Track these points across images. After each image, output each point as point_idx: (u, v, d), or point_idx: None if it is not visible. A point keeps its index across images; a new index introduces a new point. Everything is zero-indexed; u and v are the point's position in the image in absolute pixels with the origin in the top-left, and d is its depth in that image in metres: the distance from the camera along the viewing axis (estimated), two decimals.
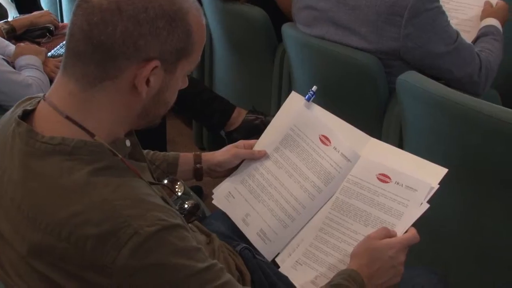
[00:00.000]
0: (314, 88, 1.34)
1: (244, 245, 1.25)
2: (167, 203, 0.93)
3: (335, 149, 1.25)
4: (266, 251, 1.25)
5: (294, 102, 1.35)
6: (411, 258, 1.09)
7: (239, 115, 2.41)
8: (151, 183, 0.93)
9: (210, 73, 2.79)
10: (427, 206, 1.10)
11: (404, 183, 1.14)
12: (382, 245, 1.07)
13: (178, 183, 1.20)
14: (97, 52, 0.84)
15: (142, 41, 0.84)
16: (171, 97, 0.94)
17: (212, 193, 1.35)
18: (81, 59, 0.85)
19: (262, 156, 1.33)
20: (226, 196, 1.33)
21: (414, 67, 1.70)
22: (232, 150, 1.34)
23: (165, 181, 1.19)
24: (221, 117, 2.41)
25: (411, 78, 1.54)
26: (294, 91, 1.39)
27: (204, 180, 1.36)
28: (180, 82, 0.93)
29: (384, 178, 1.16)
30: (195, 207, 1.20)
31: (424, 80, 1.51)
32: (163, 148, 2.45)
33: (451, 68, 1.75)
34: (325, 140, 1.27)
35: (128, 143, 0.95)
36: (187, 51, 0.89)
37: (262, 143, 1.36)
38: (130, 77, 0.86)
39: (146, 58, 0.85)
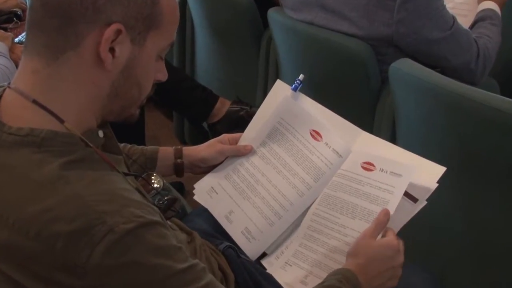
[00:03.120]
0: (301, 77, 1.34)
1: (228, 243, 1.25)
2: (145, 197, 0.93)
3: (327, 144, 1.25)
4: (250, 250, 1.25)
5: (280, 92, 1.35)
6: (405, 256, 1.10)
7: (223, 106, 2.41)
8: (125, 174, 0.93)
9: (191, 61, 2.78)
10: (423, 203, 1.11)
11: (389, 169, 1.15)
12: (381, 244, 1.07)
13: (155, 174, 1.21)
14: (55, 17, 0.84)
15: (102, 0, 0.84)
16: (144, 78, 0.93)
17: (194, 189, 1.35)
18: (40, 28, 0.86)
19: (248, 152, 1.33)
20: (208, 191, 1.33)
21: (408, 55, 1.70)
22: (217, 146, 1.35)
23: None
24: (203, 108, 2.41)
25: (404, 66, 1.54)
26: (281, 80, 1.39)
27: (185, 176, 1.36)
28: (153, 60, 0.92)
29: (368, 166, 1.18)
30: (173, 201, 1.21)
31: (418, 68, 1.52)
32: (142, 142, 2.44)
33: (446, 55, 1.76)
34: (316, 135, 1.27)
35: (101, 133, 0.95)
36: (155, 21, 0.89)
37: (248, 136, 1.36)
38: (92, 45, 0.86)
39: (108, 22, 0.85)
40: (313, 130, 1.28)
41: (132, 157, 1.26)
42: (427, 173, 1.14)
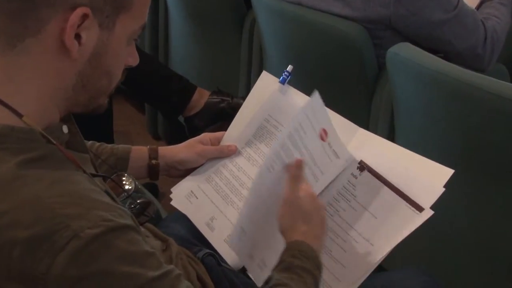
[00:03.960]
0: (290, 68, 1.36)
1: (207, 250, 1.26)
2: (114, 200, 0.93)
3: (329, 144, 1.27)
4: (234, 259, 1.26)
5: (266, 85, 1.36)
6: (403, 258, 1.12)
7: (201, 97, 2.42)
8: (92, 175, 0.93)
9: (166, 47, 2.78)
10: (430, 213, 1.11)
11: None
12: (300, 194, 1.09)
13: (126, 175, 1.21)
14: (14, 0, 0.84)
15: None
16: (114, 65, 0.93)
17: (170, 192, 1.36)
18: None
19: (232, 153, 1.35)
20: (187, 196, 1.33)
21: (407, 38, 1.72)
22: (198, 147, 1.35)
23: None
24: (179, 100, 2.41)
25: (403, 51, 1.56)
26: (266, 70, 1.41)
27: (160, 177, 1.37)
28: (124, 46, 0.93)
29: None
30: (147, 205, 1.21)
31: (419, 53, 1.53)
32: (110, 139, 2.45)
33: (450, 39, 1.78)
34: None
35: (65, 129, 0.95)
36: (124, 2, 0.89)
37: (232, 135, 1.37)
38: (55, 31, 0.85)
39: (73, 6, 0.84)
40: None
41: (100, 156, 1.26)
42: (432, 176, 1.15)
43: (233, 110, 2.27)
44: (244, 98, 2.25)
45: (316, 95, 1.17)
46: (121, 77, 0.97)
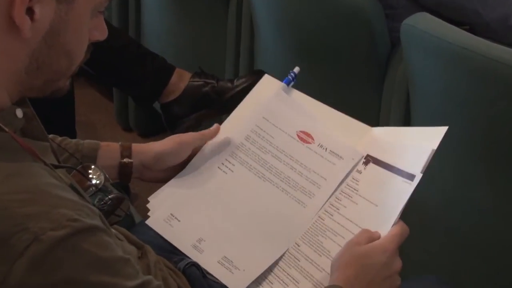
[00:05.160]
0: (296, 69, 1.41)
1: (189, 260, 1.27)
2: (81, 196, 0.94)
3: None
4: (234, 283, 1.27)
5: (267, 90, 1.43)
6: (417, 265, 1.14)
7: (181, 80, 2.40)
8: (54, 166, 0.93)
9: (137, 20, 2.78)
10: (419, 177, 1.17)
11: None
12: (372, 249, 1.12)
13: (93, 167, 1.21)
14: None
15: None
16: (75, 43, 0.93)
17: (147, 200, 1.37)
18: None
19: (215, 134, 1.38)
20: (167, 219, 1.35)
21: (426, 8, 1.73)
22: (176, 137, 1.38)
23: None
24: (154, 83, 2.40)
25: (421, 23, 1.56)
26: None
27: (133, 180, 1.38)
28: (87, 20, 0.92)
29: (305, 137, 1.27)
30: (119, 201, 1.21)
31: (439, 25, 1.54)
32: (71, 131, 2.44)
33: (477, 8, 1.79)
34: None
35: (19, 113, 0.94)
36: None
37: (215, 150, 1.40)
38: (4, 6, 0.85)
39: None
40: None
41: (63, 153, 1.26)
42: (425, 140, 1.21)
43: (218, 95, 2.28)
44: (231, 81, 2.30)
45: (284, 87, 1.21)
46: (85, 55, 0.97)
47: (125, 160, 1.34)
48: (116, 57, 2.41)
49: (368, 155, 1.29)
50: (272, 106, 1.40)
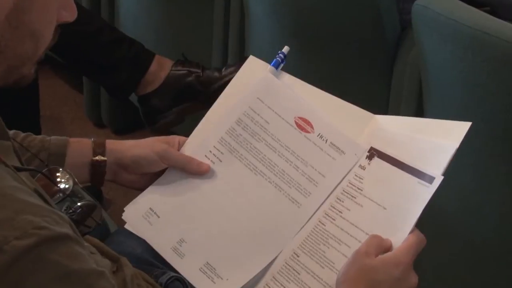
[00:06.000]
0: (286, 49, 1.38)
1: (172, 274, 1.27)
2: (46, 202, 0.93)
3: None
4: None
5: (254, 73, 1.41)
6: (430, 278, 1.13)
7: (161, 69, 2.40)
8: (17, 169, 0.93)
9: (111, 1, 2.77)
10: (440, 179, 1.16)
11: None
12: (384, 262, 1.11)
13: (60, 169, 1.21)
14: None
15: None
16: (42, 23, 0.93)
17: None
18: None
19: (202, 173, 1.35)
20: (145, 215, 1.35)
21: None
22: (159, 146, 1.36)
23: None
24: (131, 72, 2.40)
25: (435, 4, 1.56)
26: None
27: (106, 183, 1.38)
28: (55, 1, 0.93)
29: (304, 124, 1.26)
30: (91, 209, 1.21)
31: (457, 6, 1.53)
32: (35, 127, 2.43)
33: None
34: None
35: None
36: None
37: (203, 131, 1.40)
38: None
39: None
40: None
41: (30, 150, 1.27)
42: (446, 136, 1.20)
43: (204, 86, 2.27)
44: (219, 70, 2.29)
45: (273, 70, 1.19)
46: (52, 39, 0.97)
47: (98, 157, 1.34)
48: (87, 42, 2.40)
49: (372, 148, 1.27)
50: (266, 88, 1.38)
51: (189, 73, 2.35)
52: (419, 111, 1.76)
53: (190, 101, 2.31)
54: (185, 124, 2.27)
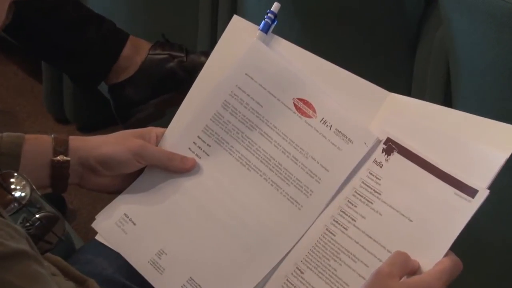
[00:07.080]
0: (275, 6, 1.36)
1: None
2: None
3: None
4: None
5: (240, 36, 1.39)
6: None
7: (137, 52, 2.40)
8: None
9: None
10: (485, 193, 1.14)
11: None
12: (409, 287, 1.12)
13: (16, 175, 1.21)
14: None
15: None
16: None
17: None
18: None
19: (189, 170, 1.36)
20: (119, 222, 1.36)
21: None
22: (133, 142, 1.37)
23: None
24: (100, 56, 2.40)
25: None
26: (239, 11, 1.40)
27: (70, 189, 1.38)
28: None
29: (305, 107, 1.26)
30: (52, 222, 1.21)
31: None
32: None
33: None
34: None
35: None
36: None
37: (182, 125, 1.39)
38: None
39: None
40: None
41: None
42: (493, 141, 1.18)
43: (188, 72, 2.27)
44: (206, 54, 2.28)
45: (262, 36, 1.22)
46: (5, 18, 0.97)
47: (60, 157, 1.34)
48: (47, 21, 2.40)
49: (389, 140, 1.25)
50: (255, 60, 1.36)
51: (171, 57, 2.36)
52: (446, 104, 1.75)
53: (171, 91, 2.31)
54: (165, 119, 2.25)
